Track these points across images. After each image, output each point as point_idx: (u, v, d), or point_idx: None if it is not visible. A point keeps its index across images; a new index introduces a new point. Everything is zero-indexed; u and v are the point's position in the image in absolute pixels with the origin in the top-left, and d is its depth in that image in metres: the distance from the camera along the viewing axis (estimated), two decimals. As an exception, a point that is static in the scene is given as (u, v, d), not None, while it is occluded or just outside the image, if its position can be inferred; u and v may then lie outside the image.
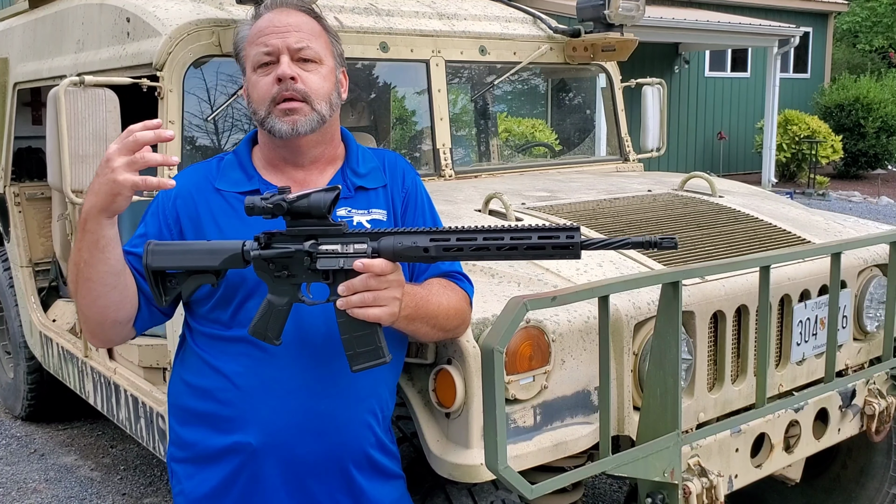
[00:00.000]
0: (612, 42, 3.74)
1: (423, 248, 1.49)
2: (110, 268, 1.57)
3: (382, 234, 1.52)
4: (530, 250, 1.45)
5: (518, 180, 3.46)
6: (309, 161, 1.74)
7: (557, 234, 1.44)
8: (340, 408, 1.69)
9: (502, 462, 1.64)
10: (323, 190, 1.51)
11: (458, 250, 1.48)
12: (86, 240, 1.54)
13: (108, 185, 1.47)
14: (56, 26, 3.74)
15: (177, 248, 1.61)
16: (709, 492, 2.16)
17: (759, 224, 2.78)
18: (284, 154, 1.73)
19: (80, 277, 1.57)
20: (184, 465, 1.75)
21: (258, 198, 1.51)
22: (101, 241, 1.54)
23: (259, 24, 1.71)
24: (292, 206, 1.49)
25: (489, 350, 1.62)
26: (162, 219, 1.73)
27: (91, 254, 1.54)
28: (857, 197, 13.75)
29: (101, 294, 1.58)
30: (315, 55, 1.69)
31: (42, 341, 4.17)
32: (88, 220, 1.52)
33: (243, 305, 1.66)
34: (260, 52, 1.68)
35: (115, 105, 2.67)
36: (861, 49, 24.64)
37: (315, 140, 1.71)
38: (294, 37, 1.67)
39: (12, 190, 4.32)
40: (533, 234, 1.45)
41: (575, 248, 1.44)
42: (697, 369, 2.24)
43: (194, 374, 1.73)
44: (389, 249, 1.50)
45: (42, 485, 4.01)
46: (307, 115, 1.66)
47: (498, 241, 1.46)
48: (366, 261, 1.48)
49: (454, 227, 1.50)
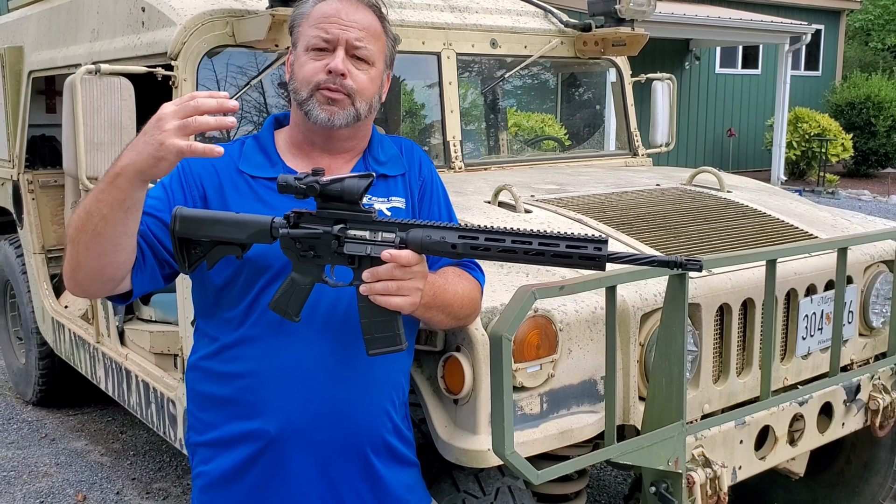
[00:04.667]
0: (622, 37, 3.76)
1: (451, 245, 1.51)
2: (127, 228, 1.50)
3: (411, 226, 1.54)
4: (557, 257, 1.47)
5: (527, 173, 3.49)
6: (338, 150, 1.76)
7: (585, 244, 1.45)
8: (359, 394, 1.71)
9: (509, 447, 1.67)
10: (357, 176, 1.52)
11: (485, 250, 1.50)
12: (110, 195, 1.45)
13: (153, 147, 1.39)
14: (71, 15, 3.77)
15: (205, 216, 1.60)
16: (712, 482, 2.19)
17: (766, 219, 2.80)
18: (314, 138, 1.74)
19: (89, 229, 1.48)
20: (203, 448, 1.78)
21: (292, 176, 1.52)
22: (128, 201, 1.46)
23: (324, 9, 1.68)
24: (325, 188, 1.51)
25: (498, 337, 1.64)
26: (185, 185, 1.70)
27: (112, 210, 1.45)
28: (866, 195, 13.72)
29: (107, 251, 1.51)
30: (369, 56, 1.69)
31: (54, 327, 4.22)
32: (121, 177, 1.43)
33: (264, 291, 1.67)
34: (318, 35, 1.67)
35: (130, 93, 2.70)
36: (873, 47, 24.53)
37: (347, 134, 1.73)
38: (355, 33, 1.67)
39: (26, 177, 4.36)
40: (561, 241, 1.46)
41: (601, 261, 1.45)
42: (703, 361, 2.27)
43: (213, 360, 1.74)
44: (417, 241, 1.52)
45: (53, 469, 4.07)
46: (345, 110, 1.67)
47: (526, 245, 1.47)
48: (393, 251, 1.50)
49: (484, 227, 1.51)
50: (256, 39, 2.82)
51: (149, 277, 1.66)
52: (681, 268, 1.51)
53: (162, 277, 1.69)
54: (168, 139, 1.38)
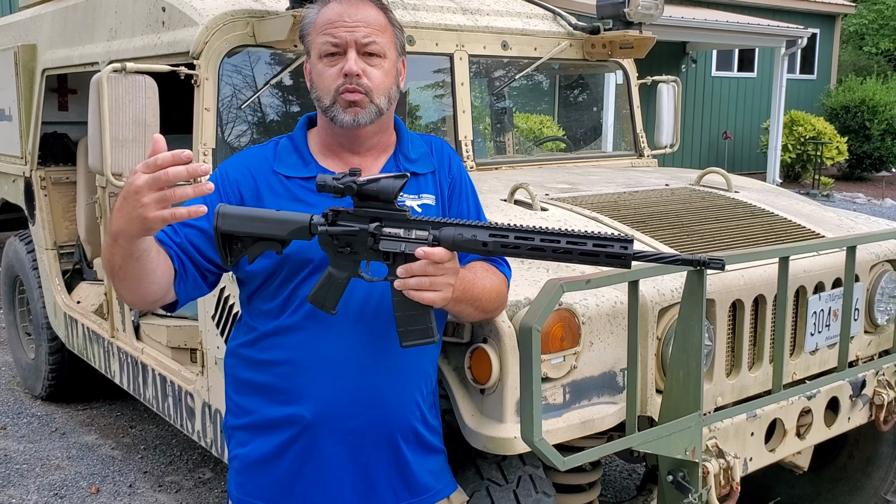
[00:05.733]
0: (630, 39, 3.83)
1: (482, 243, 1.57)
2: (146, 269, 1.61)
3: (444, 224, 1.60)
4: (584, 255, 1.52)
5: (538, 173, 3.55)
6: (366, 148, 1.82)
7: (612, 243, 1.51)
8: (390, 382, 1.77)
9: (538, 434, 1.74)
10: (392, 176, 1.59)
11: (515, 248, 1.56)
12: (117, 251, 1.55)
13: (138, 221, 1.46)
14: (87, 14, 3.82)
15: (247, 213, 1.67)
16: (725, 472, 2.26)
17: (775, 219, 2.87)
18: (342, 140, 1.81)
19: (115, 272, 1.61)
20: (240, 431, 1.84)
21: (330, 176, 1.60)
22: (136, 253, 1.56)
23: (328, 14, 1.74)
24: (362, 188, 1.58)
25: (528, 328, 1.71)
26: (223, 193, 1.77)
27: (125, 261, 1.57)
28: (861, 199, 13.84)
29: (141, 285, 1.63)
30: (380, 50, 1.74)
31: (66, 322, 4.27)
32: (119, 238, 1.52)
33: (302, 285, 1.74)
34: (328, 41, 1.73)
35: (154, 92, 2.76)
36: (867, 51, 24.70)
37: (373, 130, 1.79)
38: (362, 31, 1.72)
39: (38, 174, 4.41)
40: (588, 240, 1.52)
41: (627, 259, 1.51)
42: (716, 355, 2.33)
43: (251, 349, 1.81)
44: (449, 239, 1.58)
45: (65, 462, 4.11)
46: (366, 108, 1.73)
47: (554, 243, 1.53)
48: (427, 249, 1.56)
49: (513, 225, 1.57)
50: (277, 40, 2.88)
51: (191, 287, 1.75)
52: (705, 266, 1.58)
53: (206, 285, 1.78)
54: (149, 213, 1.44)
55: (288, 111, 3.33)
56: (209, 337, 2.93)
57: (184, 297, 1.76)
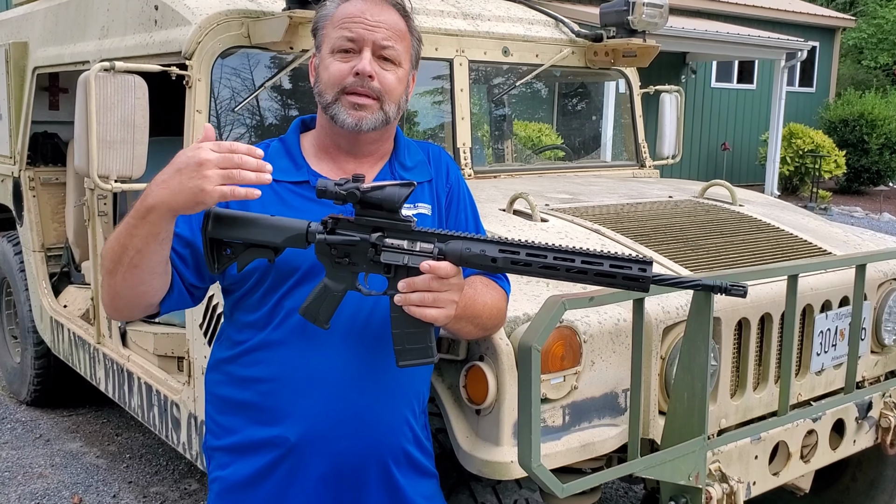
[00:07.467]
0: (633, 48, 3.76)
1: (492, 259, 1.47)
2: (162, 258, 1.53)
3: (450, 237, 1.50)
4: (599, 276, 1.43)
5: (538, 182, 3.47)
6: (364, 154, 1.74)
7: (630, 264, 1.41)
8: (381, 402, 1.68)
9: (536, 460, 1.65)
10: (398, 184, 1.49)
11: (526, 265, 1.46)
12: (143, 230, 1.46)
13: (192, 192, 1.39)
14: (80, 12, 3.74)
15: (241, 217, 1.57)
16: (728, 497, 2.17)
17: (781, 234, 2.79)
18: (341, 142, 1.72)
19: (125, 262, 1.50)
20: (220, 453, 1.75)
21: (331, 182, 1.49)
22: (162, 234, 1.48)
23: (349, 9, 1.66)
24: (365, 195, 1.49)
25: (527, 348, 1.62)
26: None
27: (147, 244, 1.47)
28: (858, 212, 13.79)
29: (144, 280, 1.54)
30: (396, 56, 1.66)
31: (52, 326, 4.17)
32: (153, 212, 1.44)
33: (288, 295, 1.64)
34: (344, 36, 1.64)
35: (143, 92, 2.67)
36: (866, 65, 24.73)
37: (374, 137, 1.71)
38: (382, 34, 1.64)
39: (27, 174, 4.31)
40: (605, 260, 1.42)
41: (645, 282, 1.41)
42: (721, 375, 2.25)
43: (234, 364, 1.71)
44: (456, 254, 1.49)
45: (48, 470, 4.01)
46: (374, 114, 1.64)
47: (568, 262, 1.43)
48: (433, 263, 1.47)
49: (524, 241, 1.47)
50: (272, 41, 2.80)
51: (176, 299, 1.65)
52: (726, 293, 1.48)
53: (190, 298, 1.69)
54: (208, 185, 1.39)
55: (282, 114, 3.24)
56: (196, 346, 2.83)
57: (166, 309, 1.67)
